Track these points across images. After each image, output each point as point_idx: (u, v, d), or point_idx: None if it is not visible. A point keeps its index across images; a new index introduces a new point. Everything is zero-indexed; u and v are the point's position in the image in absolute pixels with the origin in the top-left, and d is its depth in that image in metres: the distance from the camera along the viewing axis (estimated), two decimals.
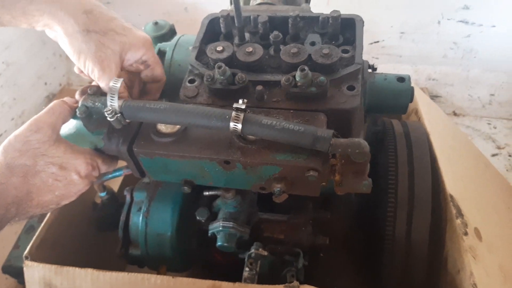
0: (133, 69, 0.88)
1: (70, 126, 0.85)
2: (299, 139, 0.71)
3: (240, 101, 0.73)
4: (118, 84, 0.77)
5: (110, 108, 0.76)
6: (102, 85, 0.82)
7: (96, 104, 0.81)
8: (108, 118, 0.77)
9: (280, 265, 0.96)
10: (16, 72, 2.21)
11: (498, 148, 2.00)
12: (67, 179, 0.79)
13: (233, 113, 0.71)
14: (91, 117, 0.82)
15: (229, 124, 0.71)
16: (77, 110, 0.80)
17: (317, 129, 0.71)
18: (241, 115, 0.71)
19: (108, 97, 0.76)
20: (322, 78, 0.80)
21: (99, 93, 0.83)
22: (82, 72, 0.84)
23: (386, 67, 2.20)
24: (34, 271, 0.93)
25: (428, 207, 0.95)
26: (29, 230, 1.35)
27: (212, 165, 0.79)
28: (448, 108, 2.18)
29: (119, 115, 0.77)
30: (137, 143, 0.81)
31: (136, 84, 0.91)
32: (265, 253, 0.93)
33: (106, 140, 0.83)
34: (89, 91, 0.83)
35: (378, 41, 2.24)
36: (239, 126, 0.71)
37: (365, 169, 0.76)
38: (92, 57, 0.79)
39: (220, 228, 0.93)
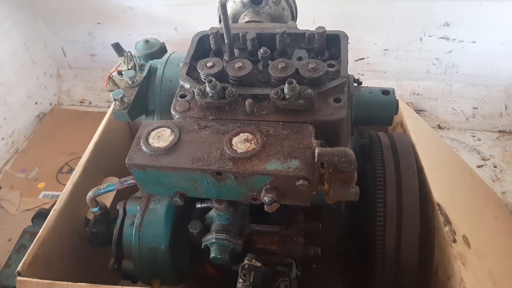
0: None
1: None
2: None
3: None
4: None
5: None
6: None
7: None
8: None
9: (273, 276, 0.96)
10: (6, 91, 2.21)
11: (483, 159, 2.04)
12: None
13: None
14: None
15: None
16: None
17: None
18: None
19: None
20: (309, 90, 0.83)
21: None
22: None
23: (371, 83, 2.26)
24: (26, 287, 0.92)
25: (416, 216, 0.97)
26: (20, 249, 1.34)
27: (204, 177, 0.81)
28: (433, 122, 2.23)
29: None
30: (129, 156, 0.82)
31: None
32: (258, 264, 0.93)
33: None
34: None
35: (363, 58, 2.30)
36: None
37: (352, 177, 0.77)
38: None
39: (213, 240, 0.94)
